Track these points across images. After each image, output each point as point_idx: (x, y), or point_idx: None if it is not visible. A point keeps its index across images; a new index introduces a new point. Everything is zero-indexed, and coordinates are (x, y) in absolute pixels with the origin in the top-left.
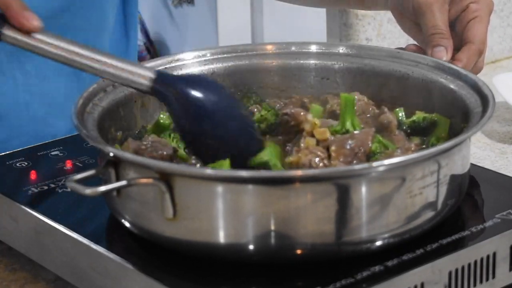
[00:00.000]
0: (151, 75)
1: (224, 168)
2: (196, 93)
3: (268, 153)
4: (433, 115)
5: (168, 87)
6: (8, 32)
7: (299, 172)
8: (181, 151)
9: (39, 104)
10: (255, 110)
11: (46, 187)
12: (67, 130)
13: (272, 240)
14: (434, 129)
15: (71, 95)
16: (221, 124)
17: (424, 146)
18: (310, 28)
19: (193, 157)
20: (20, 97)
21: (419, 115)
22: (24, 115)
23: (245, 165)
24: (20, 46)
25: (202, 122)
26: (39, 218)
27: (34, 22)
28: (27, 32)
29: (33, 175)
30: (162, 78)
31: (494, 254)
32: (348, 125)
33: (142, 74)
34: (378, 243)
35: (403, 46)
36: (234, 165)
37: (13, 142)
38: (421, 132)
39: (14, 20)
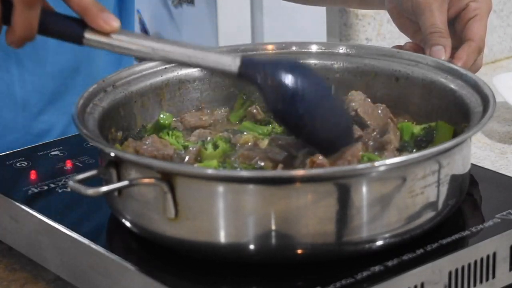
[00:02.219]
0: (237, 62)
1: (212, 166)
2: (282, 76)
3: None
4: (433, 123)
5: (254, 71)
6: (90, 36)
7: (300, 172)
8: (180, 144)
9: (35, 101)
10: (255, 111)
11: (46, 187)
12: (61, 127)
13: (273, 240)
14: (437, 135)
15: (67, 93)
16: (308, 108)
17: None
18: (310, 28)
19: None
20: (16, 92)
21: (418, 128)
22: (19, 111)
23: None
24: (103, 48)
25: (290, 104)
26: (39, 218)
27: (114, 23)
28: (106, 34)
29: (33, 175)
30: (248, 63)
31: (494, 254)
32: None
33: (229, 63)
34: (379, 243)
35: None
36: (324, 152)
37: (7, 137)
38: (426, 142)
39: (94, 23)
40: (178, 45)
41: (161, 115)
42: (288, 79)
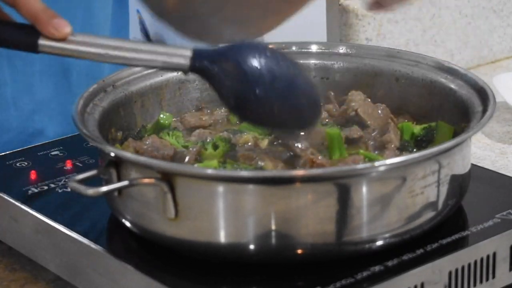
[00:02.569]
0: (188, 53)
1: (212, 166)
2: (238, 62)
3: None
4: (433, 123)
5: (207, 62)
6: (44, 43)
7: (300, 172)
8: (180, 144)
9: (26, 100)
10: None
11: (46, 187)
12: (54, 127)
13: (273, 240)
14: (437, 135)
15: (59, 92)
16: (269, 90)
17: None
18: (310, 28)
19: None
20: (8, 92)
21: (419, 128)
22: (12, 110)
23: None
24: (57, 54)
25: (245, 90)
26: (39, 218)
27: (64, 29)
28: (59, 40)
29: (33, 175)
30: (200, 54)
31: (494, 254)
32: (337, 157)
33: (179, 54)
34: (379, 243)
35: (403, 46)
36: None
37: (1, 138)
38: (426, 142)
39: (45, 30)
40: (129, 43)
41: (161, 115)
42: (247, 63)
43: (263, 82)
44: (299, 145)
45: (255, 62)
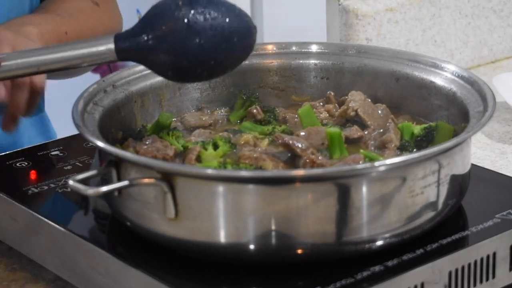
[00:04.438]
0: (110, 40)
1: (212, 166)
2: (156, 33)
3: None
4: (434, 123)
5: (130, 42)
6: None
7: (300, 172)
8: (180, 144)
9: None
10: (255, 111)
11: (46, 187)
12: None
13: (273, 240)
14: (437, 135)
15: None
16: (195, 44)
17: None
18: (310, 28)
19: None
20: None
21: (419, 128)
22: None
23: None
24: None
25: (174, 51)
26: (39, 218)
27: None
28: None
29: (33, 175)
30: (120, 37)
31: (494, 254)
32: (337, 156)
33: (102, 42)
34: (379, 243)
35: (403, 46)
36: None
37: None
38: (426, 142)
39: None
40: (55, 46)
41: (161, 115)
42: (158, 36)
43: (187, 40)
44: (300, 145)
45: (170, 22)
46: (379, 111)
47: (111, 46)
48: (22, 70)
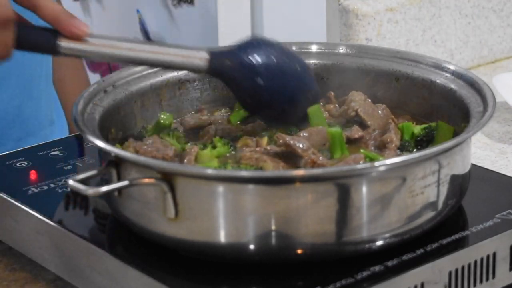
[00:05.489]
0: (205, 55)
1: (213, 166)
2: (252, 61)
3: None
4: (434, 123)
5: (223, 63)
6: (63, 44)
7: (300, 172)
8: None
9: None
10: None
11: (46, 187)
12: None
13: (273, 240)
14: (437, 135)
15: (22, 107)
16: (277, 82)
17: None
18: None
19: None
20: None
21: (419, 128)
22: None
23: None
24: (77, 56)
25: (259, 85)
26: (39, 218)
27: (84, 28)
28: (79, 39)
29: (33, 175)
30: (216, 56)
31: (494, 254)
32: (338, 156)
33: (197, 56)
34: (379, 243)
35: (403, 46)
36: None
37: None
38: (426, 142)
39: (65, 31)
40: (147, 45)
41: (162, 116)
42: (260, 61)
43: (277, 79)
44: (301, 145)
45: (268, 59)
46: (380, 111)
47: (205, 65)
48: (106, 57)
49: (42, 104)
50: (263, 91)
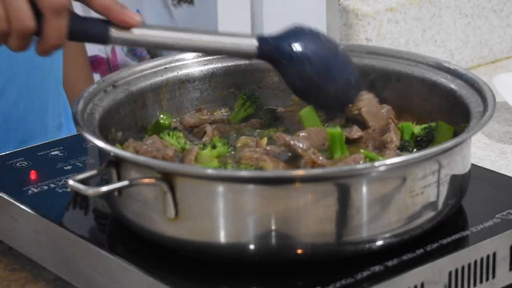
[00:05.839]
0: (254, 42)
1: (213, 166)
2: (299, 51)
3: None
4: (434, 123)
5: (272, 49)
6: (115, 34)
7: (300, 172)
8: (181, 145)
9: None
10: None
11: (46, 187)
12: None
13: (273, 240)
14: (437, 135)
15: (28, 109)
16: (326, 74)
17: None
18: None
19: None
20: None
21: (419, 128)
22: None
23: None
24: (128, 44)
25: (307, 71)
26: (39, 218)
27: (136, 17)
28: (130, 28)
29: (33, 175)
30: (265, 42)
31: (494, 254)
32: (338, 156)
33: (246, 43)
34: (379, 243)
35: (403, 46)
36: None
37: None
38: (426, 142)
39: (117, 20)
40: (196, 33)
41: (161, 115)
42: (304, 51)
43: (323, 65)
44: (301, 145)
45: (315, 45)
46: (384, 111)
47: (254, 51)
48: (157, 45)
49: (49, 107)
50: (310, 75)
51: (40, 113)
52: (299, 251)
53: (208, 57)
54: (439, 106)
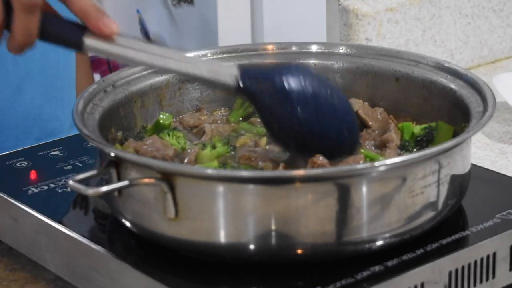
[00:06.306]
0: (235, 72)
1: (213, 166)
2: (284, 85)
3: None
4: (434, 123)
5: (253, 83)
6: (89, 42)
7: (300, 172)
8: (180, 145)
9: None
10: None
11: (46, 187)
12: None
13: (273, 240)
14: (437, 135)
15: (44, 107)
16: (312, 114)
17: None
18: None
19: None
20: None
21: (419, 128)
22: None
23: (334, 158)
24: (102, 54)
25: (291, 114)
26: (39, 218)
27: (113, 26)
28: (107, 38)
29: (33, 175)
30: (246, 74)
31: (494, 254)
32: None
33: (226, 72)
34: (379, 243)
35: (403, 46)
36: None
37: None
38: (426, 142)
39: (94, 26)
40: (175, 54)
41: (161, 115)
42: (293, 87)
43: (307, 107)
44: None
45: (301, 87)
46: (378, 114)
47: (233, 83)
48: (132, 60)
49: (65, 105)
50: (294, 120)
51: (55, 111)
52: (299, 251)
53: (208, 57)
54: (439, 106)
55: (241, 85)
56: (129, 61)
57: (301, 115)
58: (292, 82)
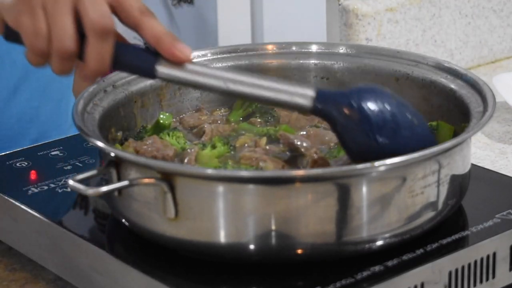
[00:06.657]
0: (311, 93)
1: (213, 166)
2: (363, 107)
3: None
4: (434, 122)
5: (330, 104)
6: (162, 68)
7: (300, 172)
8: (180, 145)
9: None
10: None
11: (46, 187)
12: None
13: (273, 240)
14: (437, 135)
15: (41, 108)
16: (392, 138)
17: None
18: (310, 28)
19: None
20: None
21: None
22: None
23: None
24: (174, 81)
25: (370, 137)
26: (39, 218)
27: (187, 52)
28: (180, 63)
29: (33, 175)
30: (323, 95)
31: (494, 254)
32: (342, 154)
33: (302, 93)
34: (379, 243)
35: (403, 46)
36: None
37: None
38: None
39: (167, 53)
40: (248, 78)
41: (161, 115)
42: (372, 109)
43: (386, 130)
44: (304, 144)
45: (380, 109)
46: None
47: (309, 104)
48: (206, 86)
49: (62, 106)
50: (372, 143)
51: (53, 112)
52: (299, 251)
53: (208, 57)
54: (439, 106)
55: (319, 107)
56: (203, 87)
57: (380, 137)
58: (370, 104)
